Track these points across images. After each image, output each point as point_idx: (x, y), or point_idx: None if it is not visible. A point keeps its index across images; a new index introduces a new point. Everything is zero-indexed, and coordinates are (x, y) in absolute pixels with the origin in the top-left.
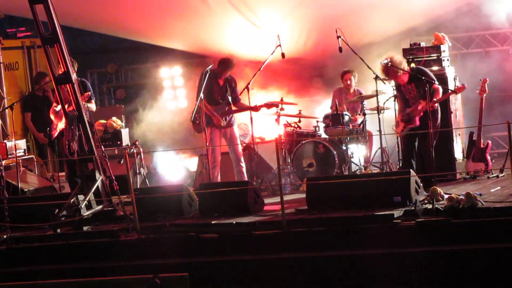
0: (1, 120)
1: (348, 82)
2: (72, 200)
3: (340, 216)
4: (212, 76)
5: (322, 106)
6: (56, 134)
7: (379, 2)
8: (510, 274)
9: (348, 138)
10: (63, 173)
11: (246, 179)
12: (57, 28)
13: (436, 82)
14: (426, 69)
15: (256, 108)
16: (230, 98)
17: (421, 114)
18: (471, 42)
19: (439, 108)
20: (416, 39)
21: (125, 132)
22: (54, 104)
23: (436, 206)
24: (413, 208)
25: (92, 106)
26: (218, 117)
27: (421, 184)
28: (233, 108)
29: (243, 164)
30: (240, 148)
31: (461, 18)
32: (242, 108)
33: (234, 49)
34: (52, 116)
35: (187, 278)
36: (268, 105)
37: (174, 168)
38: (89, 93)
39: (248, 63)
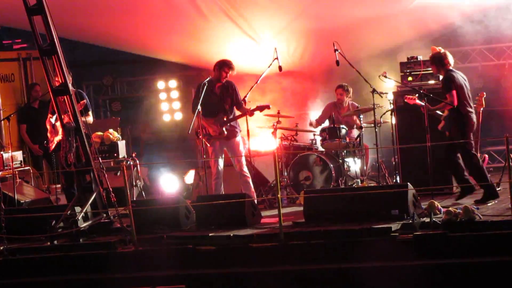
0: None
1: (339, 96)
2: (69, 211)
3: (337, 229)
4: (209, 86)
5: (311, 126)
6: (53, 147)
7: (376, 16)
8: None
9: (345, 151)
10: (59, 185)
11: (253, 189)
12: (55, 40)
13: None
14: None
15: (250, 113)
16: (228, 107)
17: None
18: (467, 56)
19: (459, 113)
20: (413, 53)
21: (121, 144)
22: (50, 115)
23: (434, 219)
24: (410, 221)
25: (90, 118)
26: (215, 128)
27: (418, 198)
28: (230, 117)
29: (247, 174)
30: (243, 159)
31: (457, 32)
32: (237, 116)
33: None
34: (48, 126)
35: None
36: (260, 108)
37: (170, 181)
38: (85, 101)
39: (245, 76)
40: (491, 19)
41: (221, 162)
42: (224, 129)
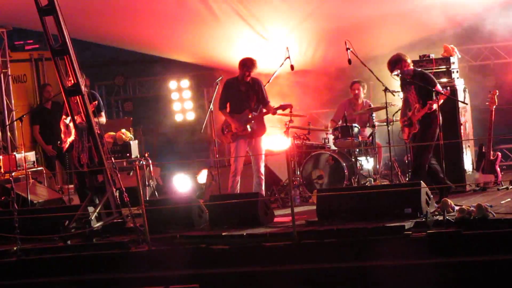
0: (10, 132)
1: (356, 91)
2: (82, 212)
3: (350, 227)
4: (234, 83)
5: (331, 118)
6: (66, 147)
7: (388, 15)
8: None
9: (358, 150)
10: (72, 186)
11: (264, 191)
12: (67, 40)
13: (438, 86)
14: (429, 74)
15: (273, 111)
16: (254, 105)
17: (419, 117)
18: (480, 54)
19: (439, 114)
20: (425, 51)
21: (134, 144)
22: (64, 116)
23: (447, 217)
24: (424, 219)
25: (102, 119)
26: (238, 125)
27: (432, 196)
28: (255, 114)
29: (262, 177)
30: (262, 160)
31: (469, 30)
32: (261, 114)
33: None
34: (62, 127)
35: None
36: (283, 107)
37: (183, 180)
38: (97, 102)
39: (256, 75)
40: (503, 16)
41: (241, 159)
42: (248, 126)
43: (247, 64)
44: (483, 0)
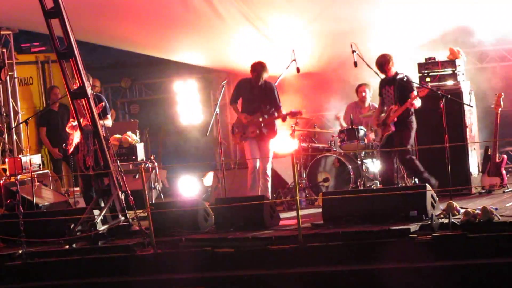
0: (16, 135)
1: (363, 94)
2: (87, 215)
3: (356, 230)
4: (247, 85)
5: (337, 120)
6: (71, 149)
7: (394, 17)
8: None
9: (363, 152)
10: (78, 188)
11: (270, 194)
12: (73, 43)
13: (415, 92)
14: (411, 79)
15: (283, 118)
16: (266, 108)
17: (395, 119)
18: (485, 57)
19: (414, 116)
20: (431, 54)
21: (140, 147)
22: (71, 119)
23: (452, 220)
24: (429, 222)
25: (108, 122)
26: (247, 120)
27: (437, 199)
28: (266, 117)
29: (269, 179)
30: (270, 162)
31: (474, 32)
32: (271, 118)
33: (249, 64)
34: (69, 130)
35: None
36: (293, 114)
37: (189, 183)
38: (103, 103)
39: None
40: (509, 19)
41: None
42: (257, 129)
43: (257, 68)
44: (489, 2)
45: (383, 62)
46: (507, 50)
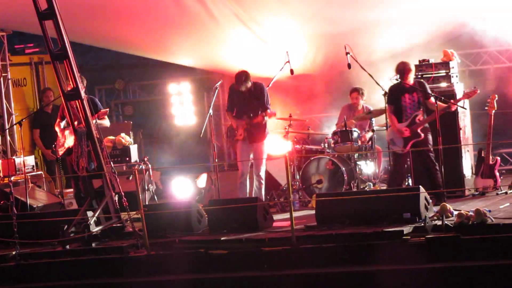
0: (10, 136)
1: (355, 100)
2: (81, 216)
3: (349, 232)
4: (237, 90)
5: (331, 122)
6: (61, 153)
7: (388, 19)
8: None
9: (357, 154)
10: (71, 190)
11: (263, 196)
12: (66, 44)
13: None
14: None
15: (260, 118)
16: (253, 110)
17: (423, 125)
18: (479, 59)
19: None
20: (424, 56)
21: (133, 149)
22: (59, 119)
23: (446, 222)
24: (422, 224)
25: (106, 122)
26: (237, 128)
27: (431, 201)
28: (252, 120)
29: (262, 181)
30: (263, 164)
31: (469, 34)
32: (255, 120)
33: (243, 65)
34: (57, 129)
35: None
36: (268, 115)
37: (182, 185)
38: (108, 110)
39: (256, 79)
40: (503, 21)
41: (246, 163)
42: (244, 131)
43: (238, 78)
44: (483, 5)
45: (404, 70)
46: (501, 52)
